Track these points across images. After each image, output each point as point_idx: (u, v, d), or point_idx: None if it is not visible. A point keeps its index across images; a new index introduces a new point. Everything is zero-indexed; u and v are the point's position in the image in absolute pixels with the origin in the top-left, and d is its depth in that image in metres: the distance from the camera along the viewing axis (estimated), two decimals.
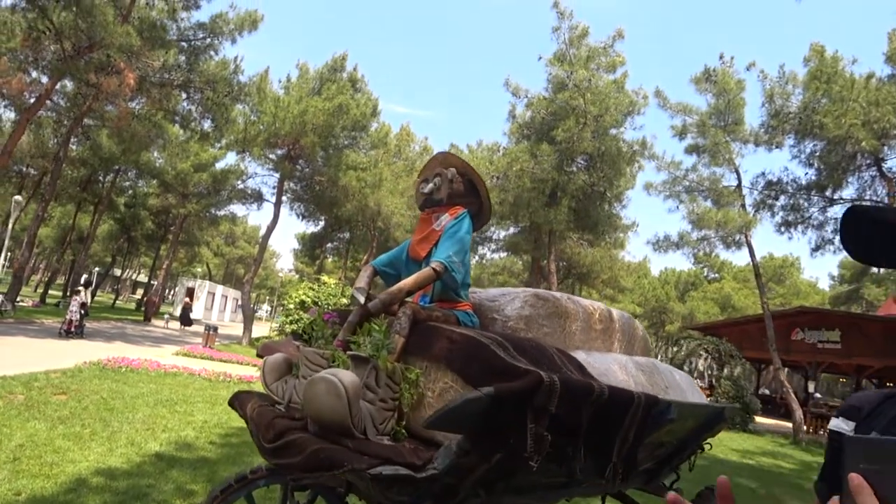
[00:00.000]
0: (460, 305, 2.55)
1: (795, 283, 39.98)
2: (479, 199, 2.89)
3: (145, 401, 6.59)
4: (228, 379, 9.66)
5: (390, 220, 24.57)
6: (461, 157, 2.96)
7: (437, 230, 2.62)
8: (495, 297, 2.69)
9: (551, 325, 2.50)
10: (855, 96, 14.20)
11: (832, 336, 18.76)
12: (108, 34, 11.69)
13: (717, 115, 17.63)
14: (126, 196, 30.12)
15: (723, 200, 17.68)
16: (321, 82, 22.06)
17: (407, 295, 2.29)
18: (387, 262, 2.87)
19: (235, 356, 13.88)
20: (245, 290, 21.75)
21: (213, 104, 16.60)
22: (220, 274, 56.36)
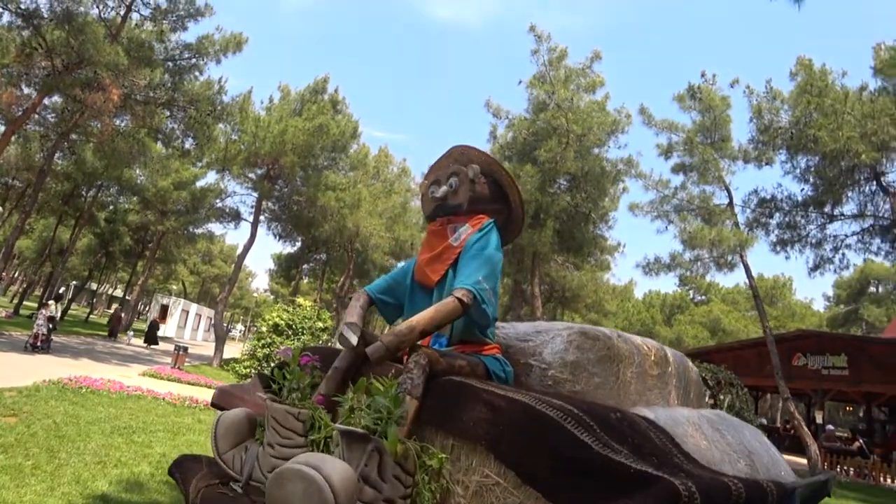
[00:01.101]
0: (487, 349, 1.99)
1: (789, 304, 37.31)
2: (507, 205, 2.32)
3: (101, 428, 5.97)
4: (194, 405, 8.94)
5: (368, 241, 24.04)
6: (484, 152, 2.36)
7: (454, 246, 2.07)
8: (527, 334, 2.13)
9: (603, 373, 1.95)
10: (849, 109, 13.61)
11: (838, 361, 17.24)
12: (97, 52, 11.31)
13: (704, 132, 16.91)
14: (107, 211, 29.06)
15: (714, 219, 16.81)
16: (302, 103, 21.70)
17: (421, 336, 1.72)
18: (385, 289, 2.27)
19: (204, 378, 13.05)
20: (219, 310, 20.86)
21: (195, 123, 16.11)
22: (195, 292, 54.72)
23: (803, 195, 15.95)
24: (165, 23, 14.19)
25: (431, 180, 2.30)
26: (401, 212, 26.18)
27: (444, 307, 1.74)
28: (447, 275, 2.03)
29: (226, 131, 19.35)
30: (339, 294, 26.59)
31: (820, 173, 15.13)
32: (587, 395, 1.85)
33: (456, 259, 2.02)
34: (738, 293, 39.42)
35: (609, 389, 1.94)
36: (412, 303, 2.14)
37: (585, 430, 1.19)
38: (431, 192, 2.25)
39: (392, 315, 2.29)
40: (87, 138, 17.17)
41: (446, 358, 1.69)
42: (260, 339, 9.12)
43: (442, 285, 2.03)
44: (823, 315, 38.29)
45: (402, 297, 2.20)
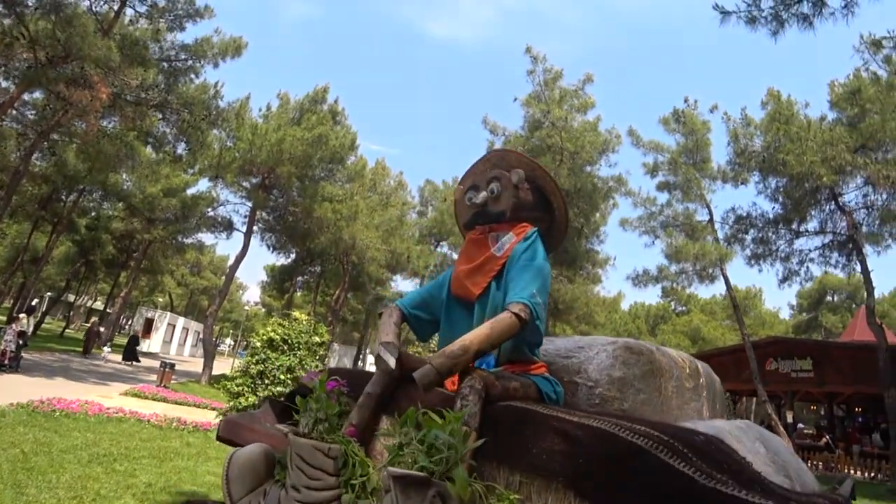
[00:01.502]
0: (535, 368, 1.90)
1: (760, 313, 40.46)
2: (549, 213, 2.23)
3: (77, 456, 5.41)
4: (182, 426, 8.43)
5: (364, 254, 23.70)
6: (527, 156, 2.27)
7: (497, 257, 1.97)
8: (570, 350, 2.06)
9: (647, 389, 1.94)
10: (812, 136, 15.24)
11: (805, 365, 18.83)
12: (86, 46, 10.77)
13: (687, 153, 18.49)
14: (88, 218, 28.14)
15: (696, 235, 18.30)
16: (301, 112, 21.58)
17: (476, 357, 1.60)
18: (419, 303, 2.15)
19: (192, 397, 12.56)
20: (208, 324, 20.34)
21: (188, 127, 15.70)
22: (182, 305, 53.91)
23: (774, 213, 17.69)
24: (162, 21, 13.78)
25: (468, 185, 2.19)
26: (397, 225, 26.02)
27: (501, 324, 1.63)
28: (490, 288, 1.93)
29: (220, 138, 19.05)
30: (334, 307, 26.21)
31: (788, 193, 16.89)
32: (635, 413, 1.82)
33: (500, 271, 1.93)
34: (715, 304, 42.62)
35: (654, 406, 1.93)
36: (449, 319, 2.05)
37: (681, 459, 1.09)
38: (469, 199, 2.14)
39: (426, 332, 2.18)
40: (69, 138, 16.66)
41: (500, 380, 1.59)
42: (254, 355, 8.65)
43: (484, 299, 1.93)
44: (789, 323, 41.61)
45: (438, 312, 2.10)
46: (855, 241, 16.08)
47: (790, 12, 6.84)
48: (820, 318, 38.07)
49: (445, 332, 2.06)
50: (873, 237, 16.24)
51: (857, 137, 14.91)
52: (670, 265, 18.94)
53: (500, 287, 1.92)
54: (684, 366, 2.22)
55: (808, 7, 6.76)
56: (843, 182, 15.90)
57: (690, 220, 18.83)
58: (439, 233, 27.21)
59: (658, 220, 19.05)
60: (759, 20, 6.89)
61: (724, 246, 18.05)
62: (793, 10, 6.84)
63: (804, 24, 6.77)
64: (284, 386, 9.03)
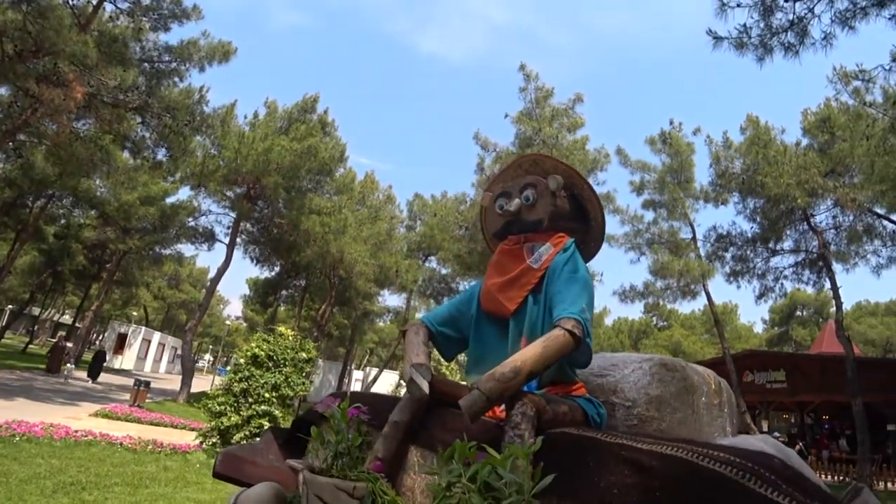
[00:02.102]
0: (576, 389, 1.82)
1: (736, 327, 42.68)
2: (586, 224, 2.17)
3: (40, 486, 4.97)
4: (158, 449, 8.00)
5: (352, 268, 23.37)
6: (562, 161, 2.18)
7: (534, 269, 1.87)
8: (602, 368, 2.01)
9: (682, 407, 1.92)
10: (787, 160, 16.57)
11: (778, 376, 20.05)
12: (60, 41, 10.36)
13: (672, 173, 19.68)
14: (57, 226, 27.26)
15: (680, 252, 19.57)
16: (289, 122, 21.38)
17: (527, 381, 1.47)
18: (446, 319, 2.02)
19: (169, 417, 12.08)
20: (187, 339, 19.82)
21: (170, 132, 15.31)
22: (158, 319, 52.98)
23: (752, 232, 19.18)
24: (145, 20, 13.46)
25: (498, 192, 2.09)
26: (386, 239, 25.81)
27: (555, 342, 1.53)
28: (526, 302, 1.84)
29: (204, 145, 18.69)
30: (320, 322, 25.82)
31: (765, 214, 18.34)
32: (673, 433, 1.80)
33: (537, 284, 1.84)
34: (694, 319, 45.64)
35: (689, 424, 1.92)
36: (479, 336, 1.95)
37: (769, 486, 1.01)
38: (500, 206, 2.04)
39: (453, 351, 2.06)
40: (38, 140, 16.07)
41: (550, 405, 1.48)
42: (237, 372, 8.33)
43: (520, 315, 1.83)
44: (763, 336, 44.17)
45: (467, 329, 1.99)
46: (825, 259, 17.49)
47: (777, 40, 7.46)
48: (791, 331, 40.63)
49: (475, 351, 1.96)
50: (841, 255, 17.86)
51: (828, 162, 16.33)
52: (656, 281, 20.16)
53: (537, 301, 1.82)
54: (710, 381, 2.19)
55: (794, 36, 7.37)
56: (815, 204, 17.26)
57: (675, 237, 19.93)
58: (428, 247, 26.98)
59: (644, 237, 20.18)
60: (748, 46, 7.49)
61: (706, 263, 19.29)
62: (779, 38, 7.45)
63: (789, 53, 7.39)
64: (269, 404, 8.71)
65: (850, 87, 14.38)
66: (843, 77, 14.22)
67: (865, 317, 37.92)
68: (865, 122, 14.13)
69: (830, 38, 7.23)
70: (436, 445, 1.45)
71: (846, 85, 14.36)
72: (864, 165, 14.48)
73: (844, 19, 7.13)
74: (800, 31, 7.36)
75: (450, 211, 22.07)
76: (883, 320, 37.48)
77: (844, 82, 14.30)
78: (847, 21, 7.12)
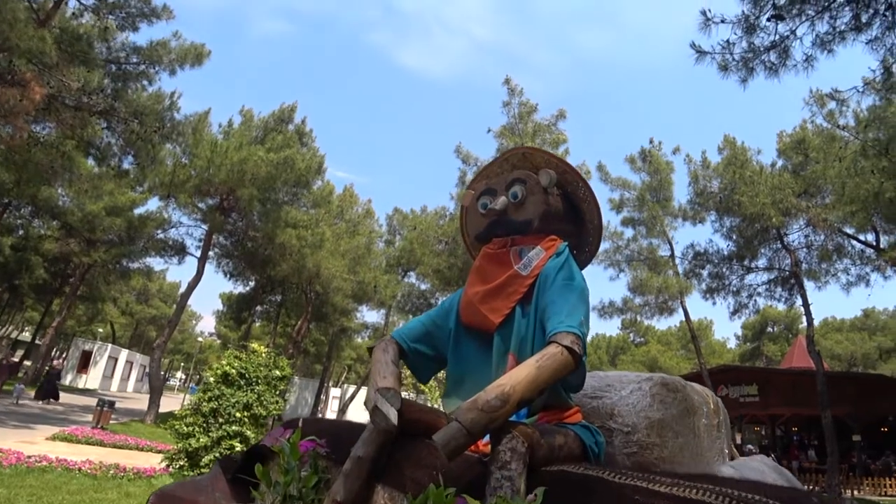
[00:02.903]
0: (570, 415, 1.60)
1: (710, 343, 43.20)
2: (581, 226, 1.93)
3: None
4: (121, 474, 7.37)
5: (329, 283, 22.76)
6: (556, 155, 1.96)
7: (523, 276, 1.65)
8: (596, 389, 1.85)
9: (684, 431, 1.78)
10: (763, 180, 17.11)
11: (751, 390, 20.57)
12: (14, 35, 9.60)
13: (651, 191, 20.14)
14: (14, 237, 25.85)
15: (658, 268, 19.96)
16: (265, 131, 20.82)
17: (519, 408, 1.26)
18: (420, 335, 1.77)
19: (134, 439, 11.31)
20: (155, 356, 18.89)
21: (138, 139, 14.51)
22: (126, 336, 51.24)
23: (728, 250, 19.67)
24: (112, 18, 12.73)
25: (482, 189, 1.87)
26: (364, 253, 25.29)
27: (551, 361, 1.32)
28: (514, 314, 1.63)
29: (175, 153, 17.82)
30: (295, 338, 25.04)
31: (741, 232, 18.83)
32: (675, 460, 1.69)
33: (527, 293, 1.63)
34: (671, 335, 45.94)
35: (691, 450, 1.79)
36: (458, 354, 1.72)
37: None
38: (484, 205, 1.82)
39: (429, 371, 1.81)
40: None
41: (545, 437, 1.30)
42: (206, 391, 7.71)
43: (506, 329, 1.62)
44: (736, 352, 44.88)
45: (444, 345, 1.76)
46: (797, 277, 17.94)
47: (759, 59, 7.52)
48: (762, 347, 41.29)
49: (454, 372, 1.73)
50: (813, 274, 18.41)
51: (801, 183, 16.88)
52: (634, 297, 20.35)
53: (526, 313, 1.61)
54: (709, 400, 2.07)
55: (776, 56, 7.46)
56: (788, 223, 17.81)
57: (653, 254, 20.41)
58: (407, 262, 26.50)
59: (623, 254, 20.59)
60: (731, 66, 7.57)
61: (684, 280, 19.75)
62: (762, 57, 7.51)
63: (770, 73, 7.49)
64: (241, 425, 8.09)
65: (824, 109, 15.00)
66: (819, 100, 14.85)
67: (832, 332, 38.95)
68: (838, 144, 14.72)
69: (811, 59, 7.34)
70: (406, 486, 1.27)
71: (821, 108, 14.98)
72: (835, 187, 15.19)
73: (824, 42, 7.23)
74: (782, 51, 7.44)
75: (430, 225, 21.83)
76: (848, 336, 38.57)
77: (820, 105, 14.93)
78: (826, 44, 7.22)
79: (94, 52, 12.58)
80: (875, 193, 12.51)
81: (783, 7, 7.05)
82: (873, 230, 16.33)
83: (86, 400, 20.80)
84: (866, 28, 7.05)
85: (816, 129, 16.42)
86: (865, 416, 17.90)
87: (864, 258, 17.56)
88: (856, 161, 13.66)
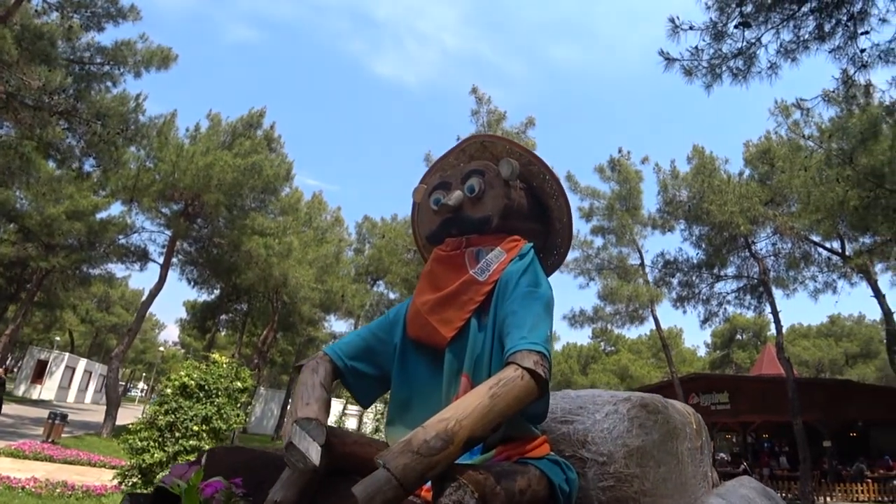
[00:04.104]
0: (535, 447, 1.34)
1: (681, 351, 43.68)
2: (547, 225, 1.73)
3: None
4: (69, 492, 6.98)
5: (297, 292, 22.38)
6: (519, 144, 1.71)
7: (480, 281, 1.44)
8: (567, 411, 1.63)
9: (667, 458, 1.59)
10: (731, 189, 17.21)
11: (722, 398, 20.62)
12: None
13: (621, 200, 20.14)
14: None
15: (629, 277, 20.03)
16: (233, 136, 20.43)
17: (468, 448, 1.04)
18: (361, 351, 1.51)
19: (87, 454, 10.83)
20: (113, 366, 18.21)
21: (100, 141, 14.08)
22: (85, 344, 49.52)
23: (697, 258, 19.77)
24: (76, 17, 12.41)
25: (435, 184, 1.65)
26: (332, 262, 25.00)
27: (510, 388, 1.10)
28: (468, 327, 1.41)
29: (139, 156, 17.45)
30: (261, 348, 24.49)
31: (710, 240, 18.96)
32: (657, 493, 1.51)
33: (484, 302, 1.42)
34: (641, 343, 45.96)
35: (674, 480, 1.61)
36: (405, 374, 1.50)
37: None
38: (435, 201, 1.61)
39: (370, 393, 1.56)
40: None
41: (501, 482, 1.06)
42: (163, 404, 7.37)
43: (460, 345, 1.40)
44: (706, 359, 45.40)
45: (388, 363, 1.52)
46: (765, 285, 18.04)
47: (726, 65, 7.56)
48: (731, 354, 41.96)
49: (399, 394, 1.50)
50: (781, 281, 18.59)
51: (768, 192, 17.00)
52: (605, 306, 20.48)
53: (482, 326, 1.41)
54: (691, 420, 1.90)
55: (742, 63, 7.50)
56: (756, 231, 17.98)
57: (623, 263, 20.42)
58: (376, 271, 26.35)
59: (594, 263, 20.60)
60: (698, 72, 7.60)
61: (654, 288, 19.81)
62: (728, 63, 7.55)
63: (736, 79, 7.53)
64: (199, 439, 7.77)
65: (789, 119, 15.19)
66: (784, 110, 15.06)
67: (799, 339, 39.24)
68: (803, 153, 14.86)
69: (776, 67, 7.43)
70: None
71: (786, 118, 15.19)
72: (801, 195, 15.35)
73: (788, 50, 7.33)
74: (748, 58, 7.52)
75: (399, 233, 21.65)
76: (815, 342, 39.05)
77: (785, 115, 15.15)
78: (791, 52, 7.32)
79: (56, 51, 12.25)
80: (840, 202, 12.75)
81: (750, 14, 7.15)
82: (839, 238, 16.50)
83: (38, 412, 19.91)
84: (829, 37, 7.16)
85: (781, 140, 16.74)
86: (835, 422, 18.02)
87: (831, 265, 17.81)
88: (821, 170, 14.00)
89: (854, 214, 12.87)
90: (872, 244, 15.52)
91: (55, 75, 12.25)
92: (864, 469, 17.68)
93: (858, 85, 8.02)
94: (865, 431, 21.03)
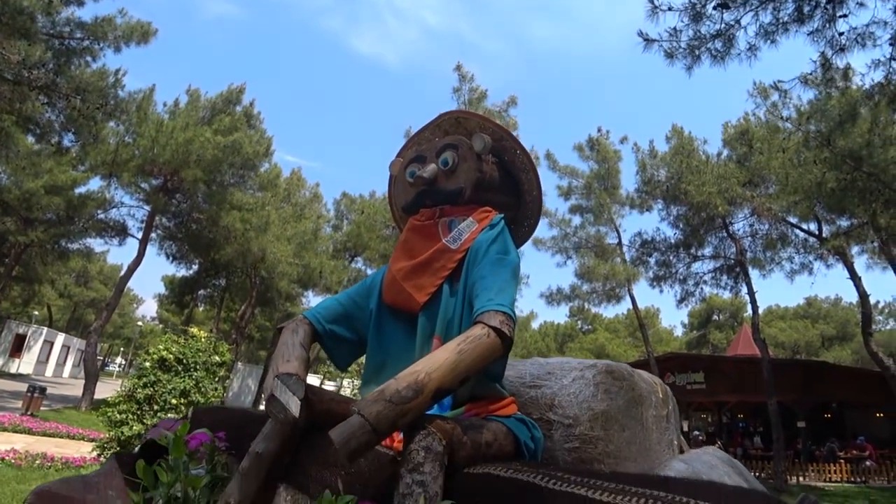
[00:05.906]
0: (502, 406, 1.43)
1: (658, 331, 43.90)
2: (518, 198, 1.82)
3: None
4: (48, 464, 7.12)
5: (275, 267, 22.51)
6: (492, 120, 1.78)
7: (453, 249, 1.53)
8: (535, 377, 1.68)
9: (631, 423, 1.65)
10: (709, 170, 17.34)
11: (697, 378, 20.55)
12: None
13: (599, 179, 20.29)
14: None
15: (606, 256, 20.15)
16: (213, 112, 20.35)
17: (436, 399, 1.12)
18: (339, 315, 1.61)
19: (66, 427, 10.99)
20: (91, 340, 18.38)
21: (80, 116, 14.11)
22: (63, 319, 49.22)
23: (675, 238, 19.76)
24: None
25: (411, 157, 1.73)
26: (311, 238, 25.01)
27: (475, 345, 1.17)
28: (441, 293, 1.49)
29: (118, 131, 17.44)
30: (239, 324, 24.65)
31: (687, 220, 18.98)
32: (621, 455, 1.55)
33: (456, 269, 1.50)
34: (618, 322, 46.21)
35: (639, 443, 1.65)
36: (380, 337, 1.57)
37: None
38: (411, 174, 1.69)
39: (347, 356, 1.65)
40: None
41: (468, 433, 1.13)
42: (141, 377, 7.58)
43: (432, 309, 1.48)
44: (682, 339, 45.72)
45: (364, 327, 1.61)
46: (742, 266, 18.24)
47: (705, 47, 7.57)
48: (708, 335, 42.18)
49: (375, 358, 1.58)
50: (758, 262, 18.75)
51: (746, 173, 17.12)
52: (582, 284, 20.65)
53: (454, 292, 1.49)
54: (657, 389, 1.93)
55: (721, 45, 7.53)
56: (734, 212, 18.09)
57: (601, 242, 20.55)
58: (354, 247, 26.40)
59: (571, 241, 20.69)
60: (677, 54, 7.62)
61: (631, 267, 19.94)
62: (707, 45, 7.57)
63: (716, 61, 7.54)
64: (177, 412, 8.03)
65: (768, 101, 15.22)
66: (762, 91, 15.03)
67: (776, 320, 39.47)
68: (781, 135, 14.99)
69: (755, 49, 7.42)
70: (309, 487, 1.14)
71: (765, 99, 15.19)
72: (779, 177, 15.39)
73: (768, 32, 7.36)
74: (727, 39, 7.55)
75: (378, 210, 21.80)
76: (791, 324, 39.22)
77: (763, 96, 15.13)
78: (770, 34, 7.36)
79: (36, 25, 12.17)
80: (817, 184, 12.73)
81: None
82: (816, 219, 16.52)
83: (17, 385, 20.03)
84: (808, 20, 7.17)
85: (760, 121, 16.74)
86: (809, 403, 18.15)
87: (808, 247, 17.87)
88: (798, 152, 14.00)
89: (831, 196, 12.79)
90: (849, 227, 15.66)
91: (35, 50, 12.24)
92: (835, 449, 17.85)
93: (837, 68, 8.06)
94: (840, 412, 21.27)
